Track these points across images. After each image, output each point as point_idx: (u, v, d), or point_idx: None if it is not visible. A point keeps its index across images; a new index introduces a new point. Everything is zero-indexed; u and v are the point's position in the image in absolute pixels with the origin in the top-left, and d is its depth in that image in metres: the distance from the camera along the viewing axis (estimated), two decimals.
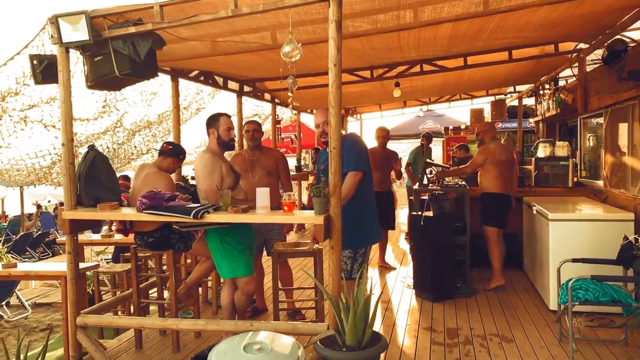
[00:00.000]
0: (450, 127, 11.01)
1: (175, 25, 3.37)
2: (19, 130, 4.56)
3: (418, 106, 11.77)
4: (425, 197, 5.34)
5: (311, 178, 9.58)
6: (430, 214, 5.14)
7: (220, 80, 6.22)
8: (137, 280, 4.02)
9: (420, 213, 5.14)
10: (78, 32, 3.40)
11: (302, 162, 11.03)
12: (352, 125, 13.55)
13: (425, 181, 5.78)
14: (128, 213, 3.52)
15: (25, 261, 11.43)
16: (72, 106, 3.65)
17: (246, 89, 6.91)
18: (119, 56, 3.50)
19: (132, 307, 4.31)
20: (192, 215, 3.27)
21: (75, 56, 3.99)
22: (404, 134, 13.84)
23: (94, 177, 3.74)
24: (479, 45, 5.25)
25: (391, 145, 6.37)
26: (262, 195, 3.37)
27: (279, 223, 4.53)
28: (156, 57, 3.65)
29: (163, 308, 4.38)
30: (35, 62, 3.55)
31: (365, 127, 13.79)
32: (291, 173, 10.68)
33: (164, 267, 4.39)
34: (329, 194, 3.22)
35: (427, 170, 5.81)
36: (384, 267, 6.47)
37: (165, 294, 4.37)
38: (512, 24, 4.34)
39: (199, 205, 3.41)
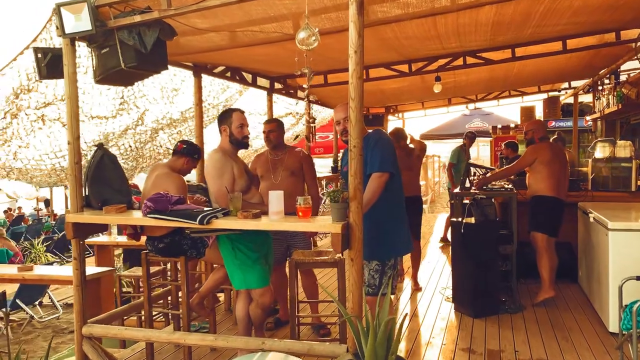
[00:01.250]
0: (499, 126, 10.35)
1: (183, 12, 3.07)
2: (37, 129, 4.40)
3: (464, 104, 11.16)
4: (467, 202, 4.85)
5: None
6: (472, 220, 4.65)
7: (249, 76, 5.93)
8: (148, 288, 3.76)
9: (460, 219, 4.66)
10: (81, 21, 3.16)
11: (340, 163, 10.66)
12: (394, 125, 13.08)
13: (467, 184, 5.28)
14: (133, 217, 3.26)
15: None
16: (78, 102, 3.43)
17: (277, 86, 6.60)
18: (125, 47, 3.24)
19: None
20: (197, 220, 2.97)
21: (88, 50, 3.77)
22: (449, 134, 13.20)
23: (101, 178, 3.52)
24: (527, 33, 4.72)
25: (435, 146, 5.84)
26: (275, 199, 3.02)
27: None
28: (166, 48, 3.37)
29: (178, 318, 4.11)
30: (39, 55, 3.34)
31: (408, 126, 13.28)
32: (327, 174, 10.38)
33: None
34: (348, 199, 2.84)
35: (471, 172, 5.32)
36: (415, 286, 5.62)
37: None
38: (565, 5, 3.81)
39: (207, 209, 3.11)
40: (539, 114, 10.99)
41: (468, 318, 4.57)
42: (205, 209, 3.13)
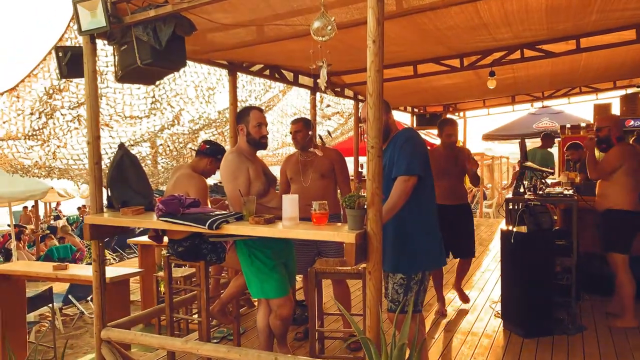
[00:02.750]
0: (568, 125, 9.54)
1: (196, 5, 2.90)
2: (73, 129, 4.44)
3: (529, 102, 10.41)
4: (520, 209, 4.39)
5: None
6: (524, 229, 4.19)
7: (290, 75, 5.74)
8: (170, 293, 3.64)
9: (510, 228, 4.22)
10: (96, 18, 3.08)
11: None
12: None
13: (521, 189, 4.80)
14: (146, 220, 3.14)
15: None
16: (98, 101, 3.37)
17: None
18: (141, 44, 3.14)
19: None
20: (207, 225, 2.80)
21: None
22: (514, 134, 12.41)
23: (122, 179, 3.44)
24: (590, 20, 4.20)
25: (501, 146, 5.22)
26: (289, 203, 2.78)
27: None
28: (184, 44, 3.24)
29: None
30: (60, 54, 3.30)
31: (470, 126, 12.66)
32: None
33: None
34: (365, 205, 2.56)
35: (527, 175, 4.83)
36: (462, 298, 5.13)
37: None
38: None
39: (219, 213, 2.93)
40: (616, 112, 10.05)
41: (518, 337, 4.12)
42: (219, 213, 2.96)
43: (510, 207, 4.87)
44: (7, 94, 4.03)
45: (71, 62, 3.29)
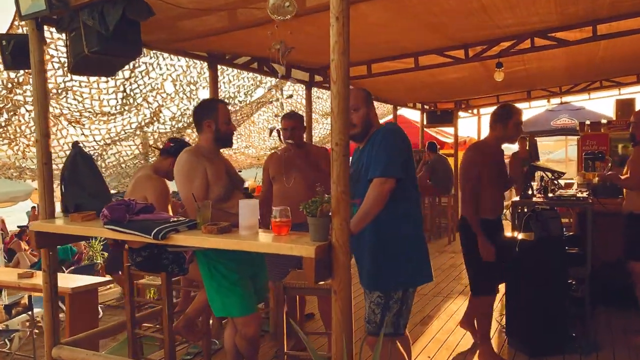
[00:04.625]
0: (587, 122, 8.98)
1: None
2: None
3: (546, 97, 9.86)
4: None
5: None
6: (530, 236, 3.76)
7: (281, 68, 5.35)
8: (131, 307, 3.30)
9: (515, 235, 3.79)
10: (37, 0, 2.75)
11: None
12: (468, 122, 12.03)
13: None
14: (93, 228, 2.79)
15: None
16: (47, 95, 3.05)
17: (317, 78, 5.98)
18: (88, 30, 2.80)
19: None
20: (152, 234, 2.45)
21: None
22: (530, 131, 11.82)
23: (76, 181, 3.11)
24: (606, 2, 3.74)
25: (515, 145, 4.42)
26: (247, 209, 2.42)
27: None
28: (138, 30, 2.88)
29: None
30: (4, 42, 2.98)
31: (485, 123, 12.11)
32: None
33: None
34: (329, 212, 2.17)
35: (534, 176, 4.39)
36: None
37: None
38: None
39: (172, 221, 2.57)
40: None
41: (523, 356, 3.69)
42: (172, 220, 2.60)
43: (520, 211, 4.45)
44: None
45: (16, 52, 2.97)
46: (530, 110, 11.87)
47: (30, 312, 5.28)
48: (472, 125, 12.43)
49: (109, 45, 2.76)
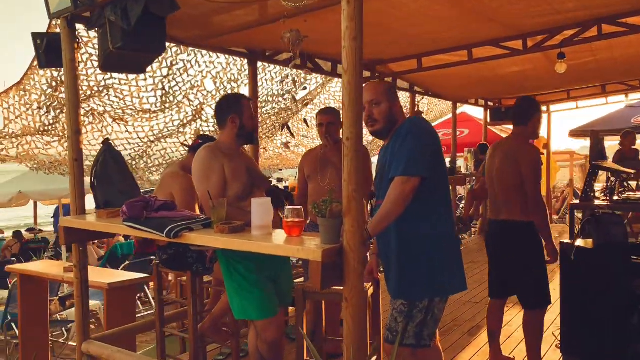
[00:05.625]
0: None
1: None
2: (87, 124, 4.24)
3: (624, 92, 9.04)
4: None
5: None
6: (589, 243, 3.38)
7: (327, 64, 5.22)
8: (160, 305, 3.28)
9: (572, 241, 3.42)
10: None
11: (465, 163, 9.40)
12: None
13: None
14: (115, 225, 2.77)
15: None
16: (78, 92, 3.09)
17: (365, 74, 5.78)
18: (112, 26, 2.79)
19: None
20: (165, 232, 2.39)
21: None
22: (607, 129, 10.93)
23: (106, 178, 3.13)
24: None
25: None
26: (259, 209, 2.30)
27: None
28: (162, 25, 2.85)
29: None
30: (38, 41, 3.05)
31: (555, 122, 11.37)
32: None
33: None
34: (341, 213, 2.01)
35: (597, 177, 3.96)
36: None
37: None
38: None
39: (187, 219, 2.50)
40: None
41: None
42: (189, 218, 2.53)
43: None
44: (15, 89, 3.89)
45: (49, 50, 3.02)
46: (607, 107, 10.98)
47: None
48: (543, 126, 11.69)
49: (131, 41, 2.74)
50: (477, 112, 10.93)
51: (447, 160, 8.77)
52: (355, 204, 1.99)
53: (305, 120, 4.67)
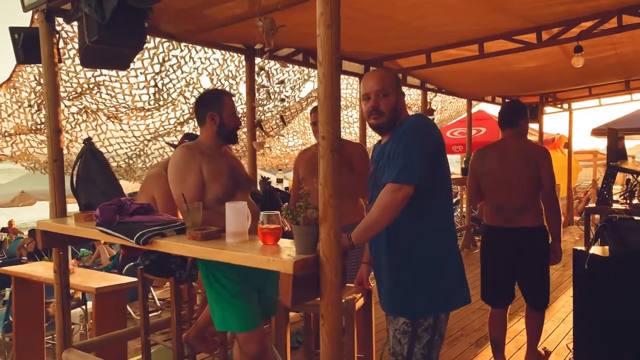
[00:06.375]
0: None
1: None
2: (81, 122, 4.12)
3: None
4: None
5: None
6: (604, 251, 3.12)
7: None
8: (144, 312, 3.13)
9: (585, 249, 3.16)
10: None
11: None
12: (558, 119, 10.89)
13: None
14: (88, 229, 2.62)
15: None
16: (58, 89, 2.94)
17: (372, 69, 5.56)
18: (88, 19, 2.63)
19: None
20: (134, 239, 2.23)
21: None
22: (631, 127, 10.47)
23: (88, 179, 2.99)
24: None
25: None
26: (234, 213, 2.11)
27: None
28: (142, 18, 2.68)
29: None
30: (16, 36, 2.92)
31: (579, 120, 10.94)
32: (456, 176, 8.88)
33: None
34: (316, 220, 1.81)
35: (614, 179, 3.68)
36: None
37: None
38: None
39: (162, 224, 2.34)
40: None
41: None
42: (164, 223, 2.37)
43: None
44: (5, 86, 3.78)
45: (27, 46, 2.89)
46: (632, 104, 10.52)
47: (84, 307, 5.40)
48: (564, 124, 11.20)
49: (108, 35, 2.58)
50: (495, 110, 10.57)
51: (462, 159, 8.50)
52: (331, 211, 1.79)
53: (281, 117, 4.46)
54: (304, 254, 1.83)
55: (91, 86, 3.74)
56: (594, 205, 3.66)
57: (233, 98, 2.65)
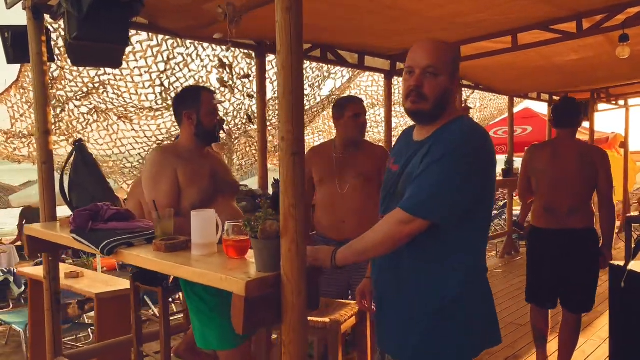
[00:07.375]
0: None
1: None
2: (92, 122, 4.06)
3: None
4: None
5: None
6: None
7: (353, 56, 4.76)
8: (137, 322, 2.98)
9: (622, 265, 2.77)
10: None
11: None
12: (613, 116, 10.18)
13: None
14: (64, 236, 2.48)
15: None
16: (47, 89, 2.84)
17: (400, 66, 5.25)
18: (69, 15, 2.51)
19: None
20: (100, 248, 2.07)
21: None
22: None
23: (78, 182, 2.88)
24: None
25: None
26: (200, 223, 1.91)
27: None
28: (126, 13, 2.54)
29: None
30: (6, 34, 2.84)
31: (635, 118, 10.19)
32: (497, 178, 8.38)
33: None
34: (277, 233, 1.58)
35: None
36: None
37: None
38: None
39: (135, 232, 2.17)
40: None
41: None
42: (140, 230, 2.20)
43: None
44: (15, 87, 3.76)
45: (16, 44, 2.81)
46: None
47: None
48: (620, 122, 10.40)
49: (87, 30, 2.45)
50: (542, 108, 9.96)
51: (504, 160, 8.00)
52: (293, 222, 1.55)
53: (248, 115, 4.22)
54: (263, 271, 1.60)
55: (97, 85, 3.66)
56: (637, 213, 3.25)
57: (214, 95, 2.44)
